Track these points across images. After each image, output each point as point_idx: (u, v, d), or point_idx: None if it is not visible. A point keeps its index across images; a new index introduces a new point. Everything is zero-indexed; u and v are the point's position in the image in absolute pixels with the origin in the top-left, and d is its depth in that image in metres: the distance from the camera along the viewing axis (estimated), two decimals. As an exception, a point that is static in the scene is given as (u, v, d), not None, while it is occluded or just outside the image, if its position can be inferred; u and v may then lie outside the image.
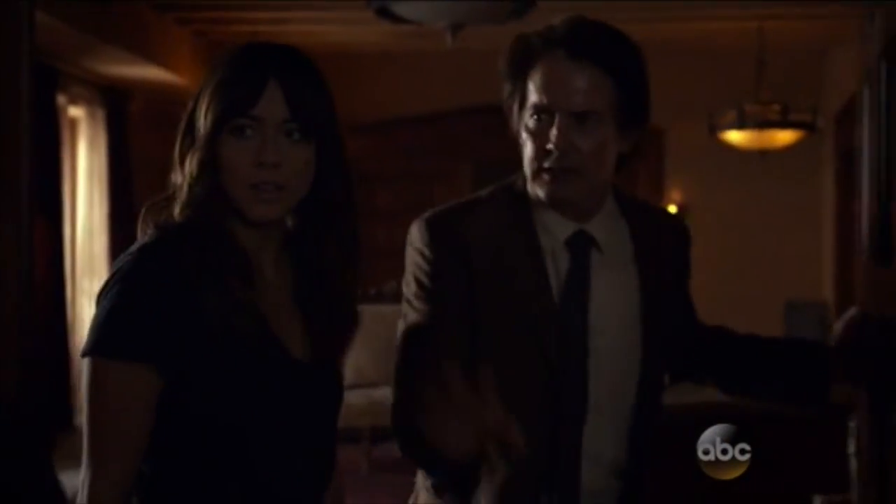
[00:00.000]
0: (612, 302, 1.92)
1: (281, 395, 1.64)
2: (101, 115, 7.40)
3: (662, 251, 2.00)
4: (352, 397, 7.34)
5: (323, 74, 1.68)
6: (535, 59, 1.86)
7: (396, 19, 5.59)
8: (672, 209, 9.79)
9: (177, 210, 1.63)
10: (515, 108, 1.90)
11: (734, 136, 7.44)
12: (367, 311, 7.72)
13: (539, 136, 1.84)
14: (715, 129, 7.56)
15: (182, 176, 1.63)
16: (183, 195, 1.62)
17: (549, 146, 1.82)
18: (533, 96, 1.84)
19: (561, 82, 1.82)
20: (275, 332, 1.65)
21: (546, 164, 1.84)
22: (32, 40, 1.30)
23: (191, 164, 1.61)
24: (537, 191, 1.88)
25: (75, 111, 7.31)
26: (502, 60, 1.89)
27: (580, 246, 1.91)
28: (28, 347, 1.28)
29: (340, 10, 7.95)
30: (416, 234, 1.90)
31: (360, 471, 7.20)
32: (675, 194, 9.77)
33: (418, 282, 1.88)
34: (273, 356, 1.64)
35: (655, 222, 2.05)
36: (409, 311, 1.89)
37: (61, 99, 6.84)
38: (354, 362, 7.58)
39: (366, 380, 7.44)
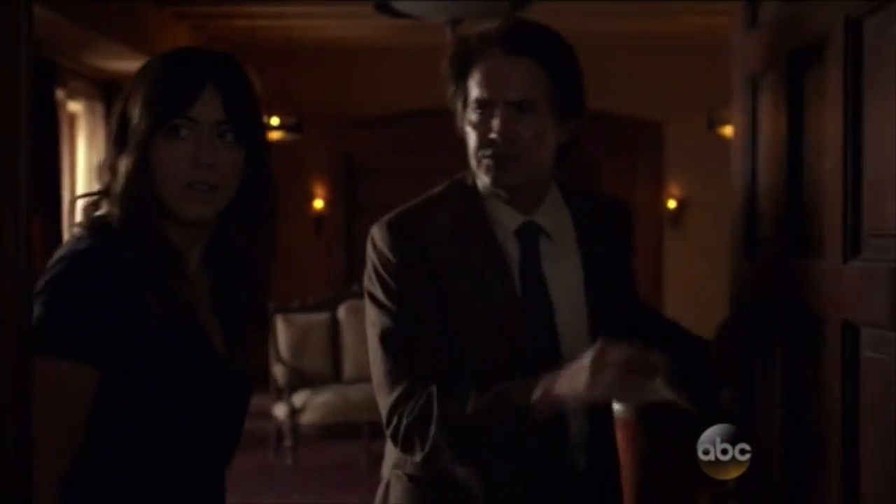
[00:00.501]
0: (564, 284, 2.02)
1: (208, 389, 1.70)
2: (99, 109, 7.39)
3: (604, 235, 2.09)
4: (351, 392, 7.34)
5: (253, 83, 1.73)
6: (474, 59, 1.98)
7: (396, 14, 5.59)
8: (671, 204, 9.78)
9: (107, 209, 1.66)
10: (459, 106, 2.01)
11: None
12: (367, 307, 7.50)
13: (482, 127, 1.95)
14: (714, 123, 7.56)
15: (112, 178, 1.67)
16: (116, 195, 1.65)
17: (493, 135, 1.94)
18: (474, 92, 1.96)
19: (499, 76, 1.94)
20: (205, 331, 1.71)
21: (490, 153, 1.95)
22: (30, 34, 1.29)
23: (124, 165, 1.64)
24: (483, 177, 1.98)
25: (74, 106, 7.30)
26: (444, 63, 2.02)
27: (529, 235, 2.02)
28: (27, 345, 1.27)
29: (339, 5, 7.94)
30: (377, 238, 1.99)
31: (359, 465, 7.21)
32: (675, 189, 9.77)
33: (385, 284, 1.96)
34: (202, 352, 1.70)
35: (597, 208, 2.14)
36: (380, 315, 1.96)
37: (60, 94, 6.83)
38: (354, 358, 7.59)
39: (365, 375, 7.43)
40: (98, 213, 1.68)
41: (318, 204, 12.04)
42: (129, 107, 1.67)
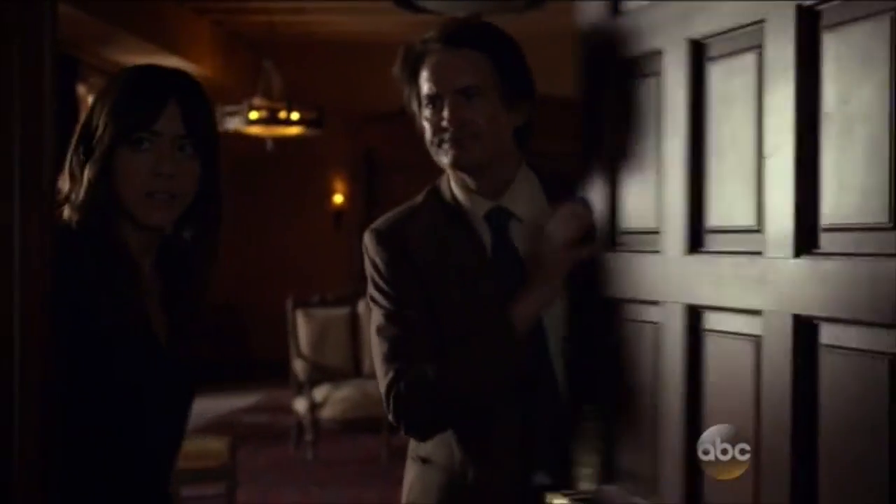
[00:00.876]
0: None
1: (155, 383, 1.81)
2: (120, 105, 7.42)
3: None
4: (371, 387, 7.36)
5: (210, 98, 1.85)
6: (421, 60, 2.08)
7: (415, 9, 5.60)
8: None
9: (67, 213, 1.76)
10: (415, 107, 2.11)
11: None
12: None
13: (434, 118, 2.05)
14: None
15: (73, 183, 1.77)
16: (78, 200, 1.76)
17: (444, 123, 2.03)
18: (424, 88, 2.07)
19: (443, 68, 2.05)
20: (153, 330, 1.82)
21: (444, 137, 2.04)
22: (55, 30, 1.30)
23: (89, 173, 1.75)
24: (442, 158, 2.07)
25: (95, 101, 7.34)
26: (395, 70, 2.12)
27: (498, 219, 2.09)
28: (51, 332, 1.29)
29: (359, 0, 7.95)
30: (368, 244, 2.12)
31: (380, 459, 7.23)
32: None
33: (378, 286, 2.09)
34: (151, 351, 1.80)
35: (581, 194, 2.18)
36: (376, 312, 2.10)
37: (81, 89, 6.88)
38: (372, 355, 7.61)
39: (385, 369, 7.44)
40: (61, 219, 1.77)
41: (338, 199, 12.06)
42: (92, 118, 1.77)
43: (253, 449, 7.55)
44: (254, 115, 8.51)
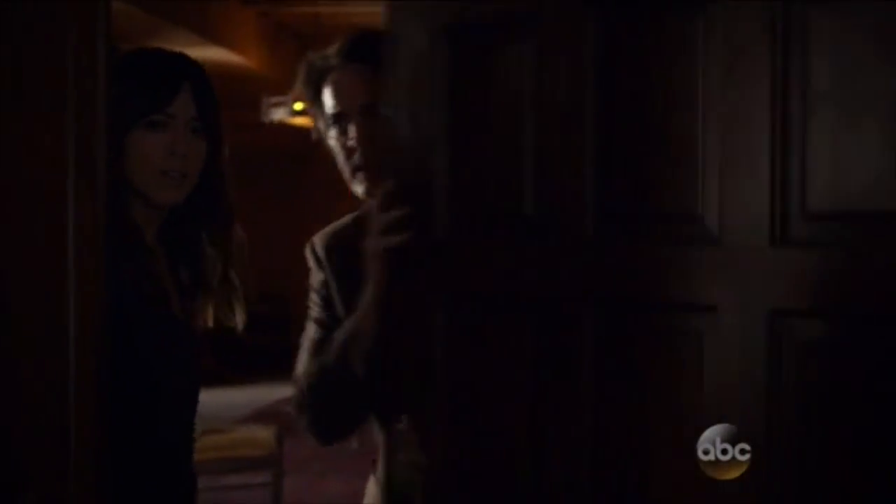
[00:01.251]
0: None
1: (166, 347, 1.87)
2: (167, 96, 7.47)
3: None
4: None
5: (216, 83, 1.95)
6: (322, 78, 2.04)
7: None
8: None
9: None
10: (322, 126, 2.06)
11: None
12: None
13: (341, 139, 2.00)
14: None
15: None
16: None
17: (351, 143, 1.98)
18: (328, 108, 2.02)
19: (345, 86, 2.00)
20: (171, 306, 1.90)
21: (356, 164, 1.98)
22: (109, 27, 1.32)
23: None
24: (356, 188, 2.01)
25: (142, 93, 7.39)
26: (297, 88, 2.08)
27: None
28: (106, 317, 1.31)
29: (403, -10, 7.92)
30: (306, 255, 2.12)
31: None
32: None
33: (311, 295, 2.11)
34: (171, 325, 1.89)
35: None
36: (311, 315, 2.11)
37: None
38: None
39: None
40: None
41: (382, 189, 12.04)
42: None
43: (299, 438, 7.58)
44: (298, 106, 8.53)
